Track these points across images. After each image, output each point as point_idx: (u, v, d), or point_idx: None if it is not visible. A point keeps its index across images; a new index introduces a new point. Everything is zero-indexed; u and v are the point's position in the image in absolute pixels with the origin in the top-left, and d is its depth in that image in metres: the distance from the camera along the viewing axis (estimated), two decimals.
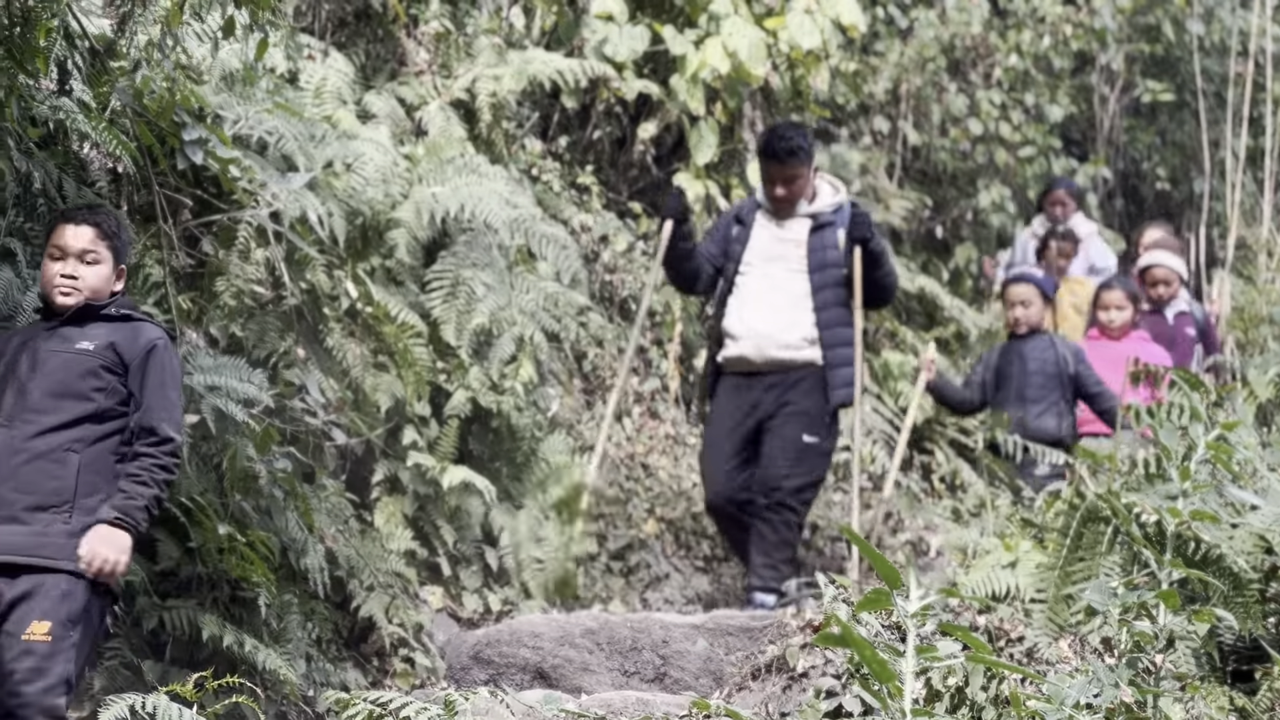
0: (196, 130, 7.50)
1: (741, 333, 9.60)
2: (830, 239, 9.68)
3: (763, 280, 9.67)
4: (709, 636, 8.48)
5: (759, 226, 9.79)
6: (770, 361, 9.60)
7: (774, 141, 9.60)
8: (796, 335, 9.57)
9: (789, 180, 9.60)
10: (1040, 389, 10.59)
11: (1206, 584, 6.57)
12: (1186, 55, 18.43)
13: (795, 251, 9.66)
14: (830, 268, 9.64)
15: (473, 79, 10.76)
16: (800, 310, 9.59)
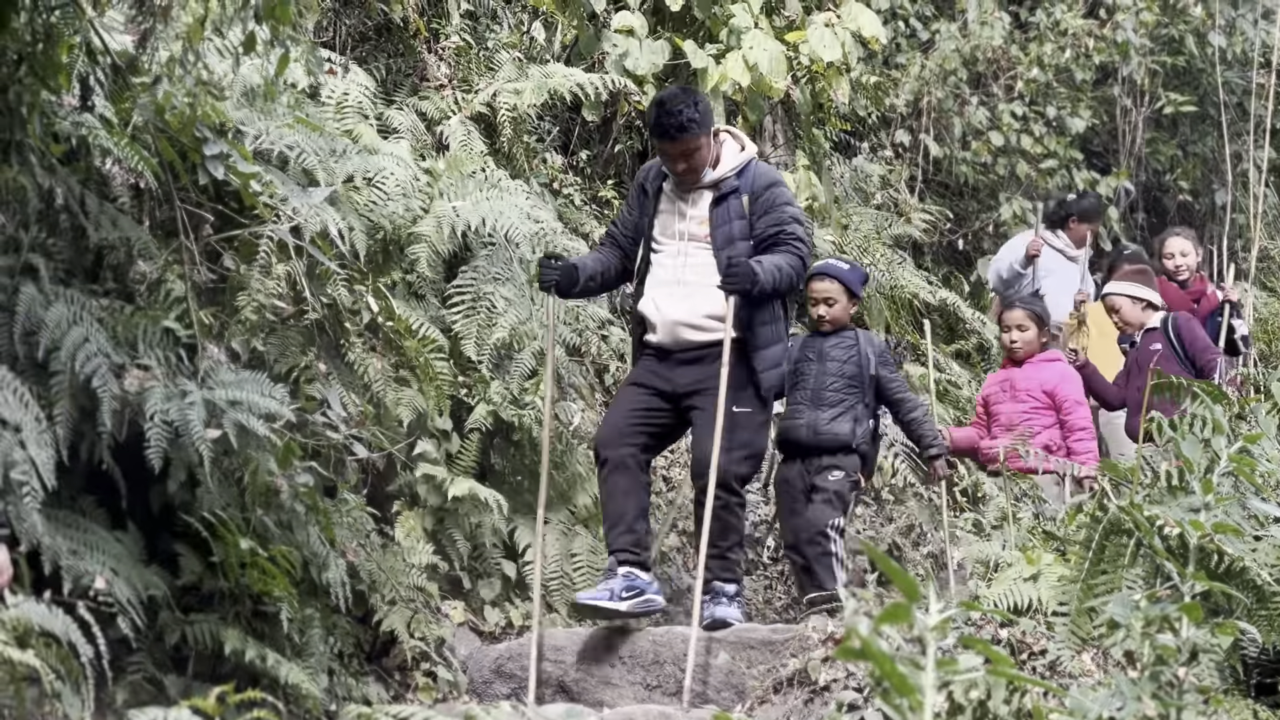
0: (218, 145, 7.51)
1: (656, 319, 8.89)
2: (735, 208, 8.85)
3: (671, 260, 8.92)
4: (731, 650, 8.48)
5: (664, 198, 8.99)
6: (685, 346, 8.88)
7: (662, 119, 8.66)
8: (709, 316, 8.79)
9: (687, 155, 8.72)
10: (838, 391, 9.76)
11: (1230, 597, 6.55)
12: (1208, 67, 18.42)
13: (700, 228, 8.87)
14: (738, 241, 8.81)
15: (493, 93, 10.78)
16: (712, 291, 8.72)
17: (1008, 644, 7.16)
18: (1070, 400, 10.85)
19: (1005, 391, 10.96)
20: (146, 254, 7.46)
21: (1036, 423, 10.74)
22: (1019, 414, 10.83)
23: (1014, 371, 11.02)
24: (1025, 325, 10.90)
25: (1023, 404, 10.82)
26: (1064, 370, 11.03)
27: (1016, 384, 10.95)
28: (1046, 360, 11.01)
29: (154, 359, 7.16)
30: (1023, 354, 10.97)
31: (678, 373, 8.90)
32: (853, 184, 15.82)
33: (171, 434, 6.98)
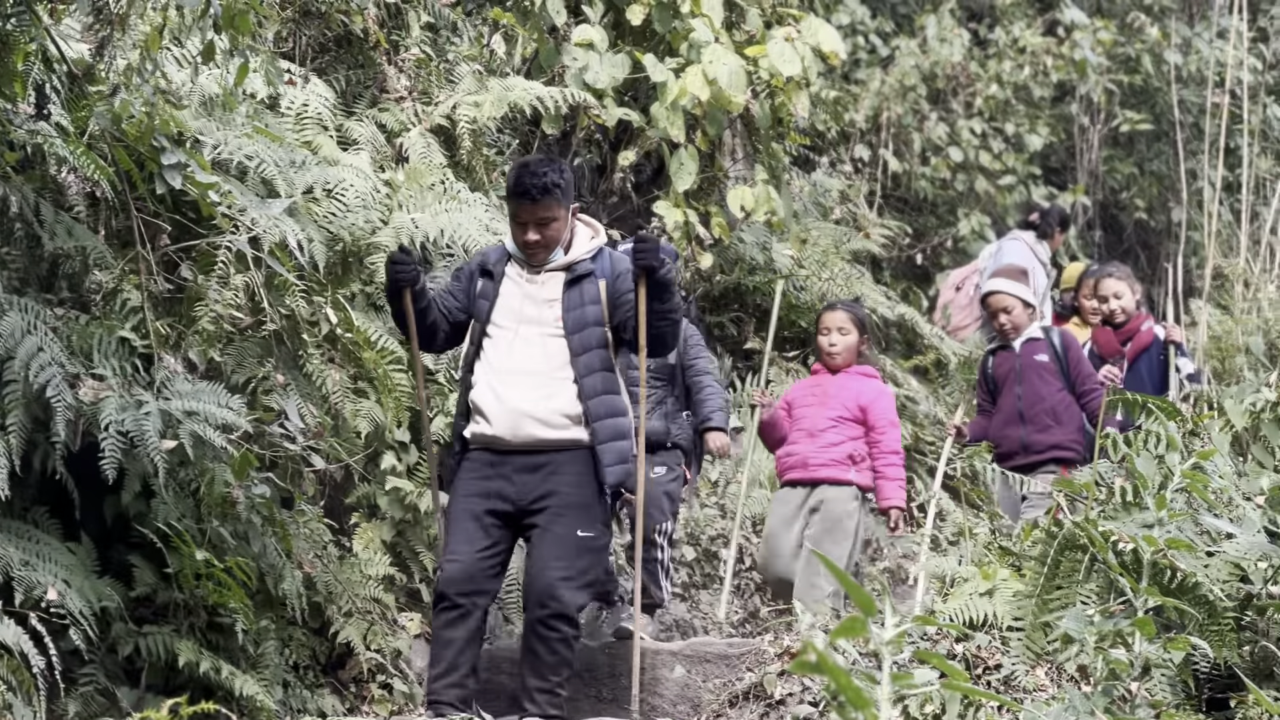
0: (175, 155, 7.49)
1: (493, 409, 7.93)
2: (590, 293, 8.09)
3: (515, 346, 8.03)
4: (687, 663, 8.48)
5: (509, 281, 8.15)
6: (528, 442, 7.93)
7: (525, 177, 7.96)
8: (558, 412, 7.93)
9: (542, 223, 7.98)
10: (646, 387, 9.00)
11: (1182, 612, 6.58)
12: (1165, 86, 18.52)
13: (550, 311, 8.04)
14: (591, 326, 8.03)
15: (453, 105, 10.77)
16: (560, 380, 7.96)
17: (963, 658, 7.18)
18: (884, 420, 10.01)
19: (815, 397, 10.12)
20: (102, 263, 7.44)
21: (841, 433, 9.92)
22: (825, 421, 9.94)
23: (827, 379, 10.16)
24: (846, 329, 10.15)
25: (831, 411, 9.95)
26: (881, 387, 10.31)
27: (829, 391, 10.07)
28: (863, 374, 10.20)
29: (109, 369, 7.15)
30: (840, 360, 10.14)
31: (519, 483, 7.95)
32: (812, 199, 15.86)
33: (126, 444, 6.96)
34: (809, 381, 10.43)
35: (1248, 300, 15.71)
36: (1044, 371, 10.69)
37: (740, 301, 14.18)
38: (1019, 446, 10.52)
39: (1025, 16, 19.25)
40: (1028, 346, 10.78)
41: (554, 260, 8.10)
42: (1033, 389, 10.67)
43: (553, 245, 8.08)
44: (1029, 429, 10.55)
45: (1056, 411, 10.56)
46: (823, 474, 9.83)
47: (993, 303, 10.92)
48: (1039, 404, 10.61)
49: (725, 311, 14.07)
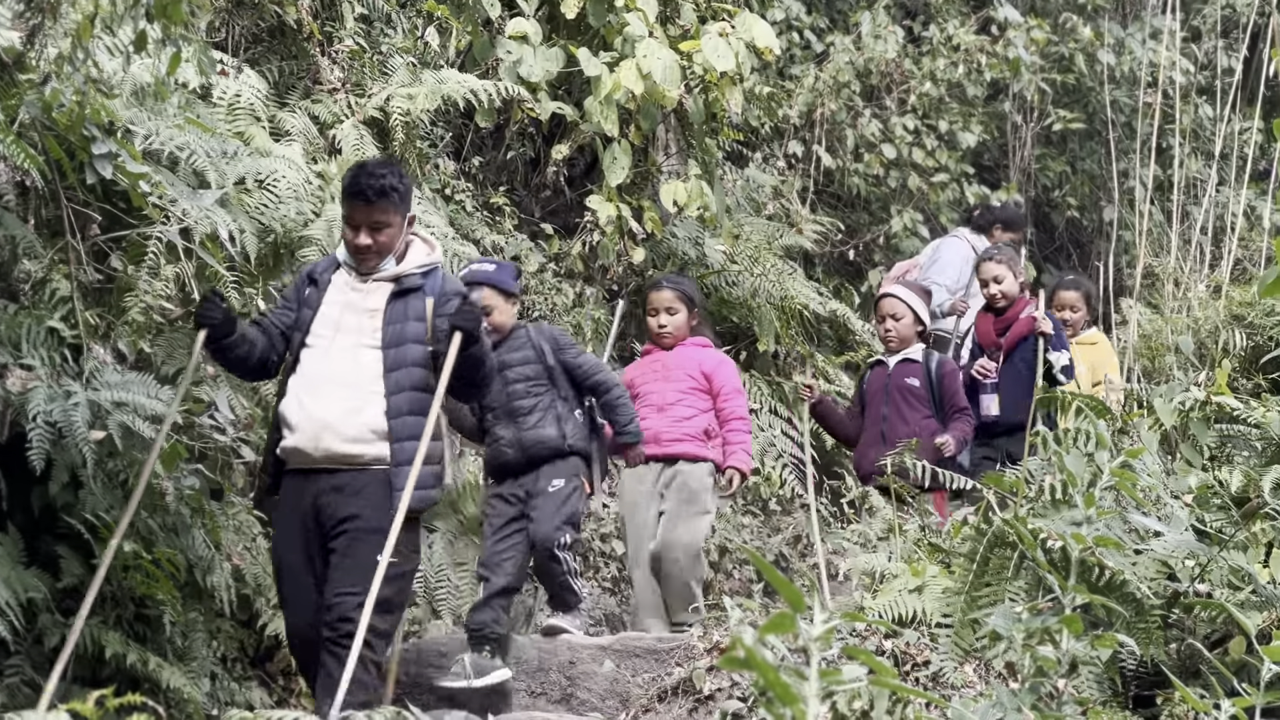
0: (106, 144, 7.44)
1: (298, 420, 7.54)
2: (415, 308, 7.72)
3: (330, 355, 7.63)
4: (616, 658, 8.49)
5: (334, 288, 7.78)
6: (329, 456, 7.51)
7: (362, 178, 7.67)
8: (362, 426, 7.51)
9: (376, 227, 7.65)
10: (526, 396, 9.06)
11: (1110, 610, 6.62)
12: (1098, 85, 18.61)
13: (370, 322, 7.67)
14: (410, 343, 7.65)
15: (386, 98, 10.74)
16: (371, 396, 7.55)
17: (891, 655, 7.21)
18: (728, 387, 9.99)
19: (656, 372, 10.02)
20: (32, 253, 7.39)
21: (692, 405, 9.89)
22: (673, 393, 9.91)
23: (664, 355, 10.09)
24: (675, 308, 10.02)
25: (677, 384, 9.92)
26: (721, 355, 10.22)
27: (669, 364, 10.01)
28: (699, 345, 10.12)
29: (38, 359, 7.10)
30: (671, 340, 10.03)
31: (323, 504, 7.56)
32: (744, 194, 15.88)
33: (54, 435, 6.92)
34: (645, 360, 10.23)
35: (1178, 299, 15.77)
36: (912, 396, 10.52)
37: None
38: (877, 470, 9.89)
39: (960, 14, 19.32)
40: (901, 367, 10.61)
41: (383, 270, 7.76)
42: (897, 411, 10.50)
43: (385, 252, 7.74)
44: (887, 451, 9.73)
45: (920, 438, 9.92)
46: (677, 449, 9.83)
47: (884, 306, 10.74)
48: (902, 428, 10.31)
49: None
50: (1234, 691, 6.12)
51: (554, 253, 12.61)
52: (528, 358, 9.12)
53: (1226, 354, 13.31)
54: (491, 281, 9.01)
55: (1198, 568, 6.98)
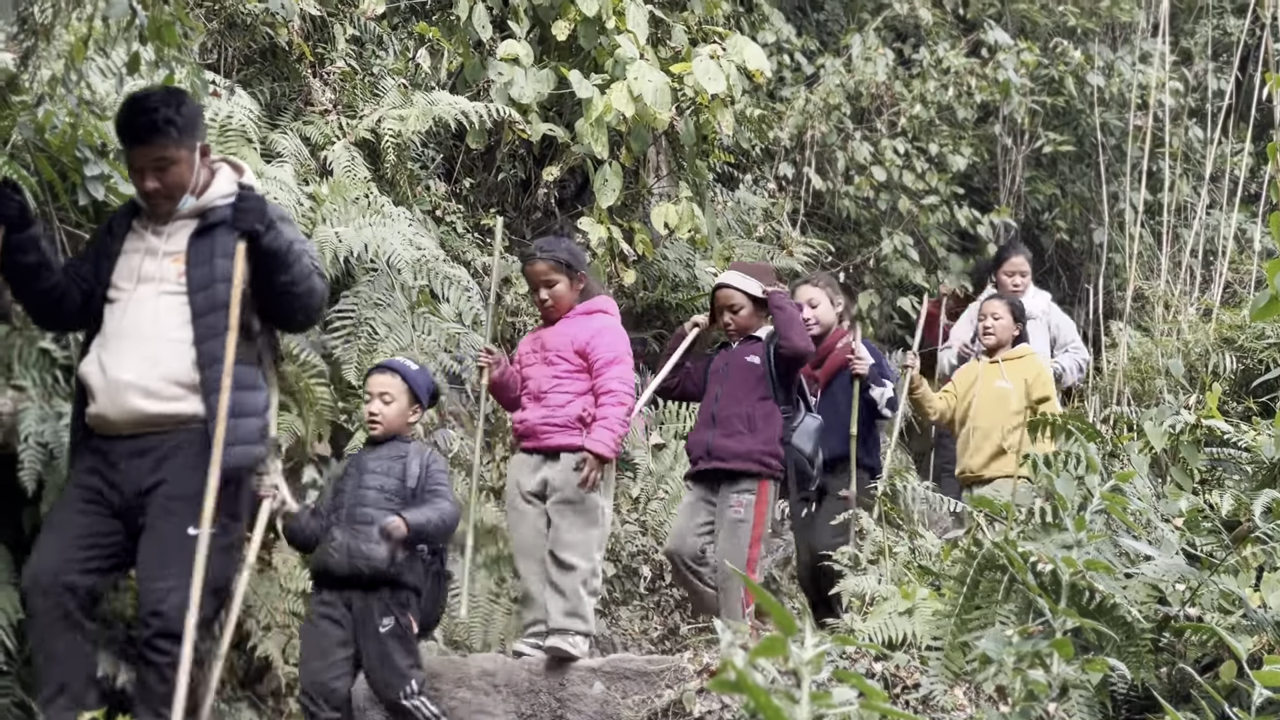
0: (99, 166, 7.46)
1: (98, 383, 6.75)
2: (222, 244, 6.86)
3: (129, 308, 6.84)
4: (606, 680, 8.48)
5: (133, 235, 6.97)
6: (135, 419, 6.73)
7: (132, 117, 6.80)
8: (169, 380, 6.74)
9: (160, 167, 6.82)
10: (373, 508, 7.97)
11: (1100, 633, 6.62)
12: (1088, 108, 18.64)
13: (173, 266, 6.88)
14: (220, 283, 6.82)
15: (378, 119, 10.76)
16: (175, 346, 6.77)
17: (882, 678, 7.21)
18: (603, 359, 8.90)
19: (536, 353, 9.10)
20: None
21: (567, 390, 8.93)
22: (548, 380, 8.96)
23: (546, 332, 9.12)
24: (553, 278, 9.01)
25: (553, 367, 8.97)
26: (603, 323, 9.05)
27: (547, 344, 9.05)
28: (584, 313, 9.10)
29: (30, 380, 7.12)
30: (556, 314, 9.09)
31: (126, 469, 6.78)
32: (735, 216, 15.89)
33: (46, 456, 6.93)
34: (531, 337, 9.31)
35: (1168, 322, 15.80)
36: (751, 375, 9.68)
37: (664, 319, 14.19)
38: (704, 451, 9.58)
39: (950, 37, 19.36)
40: (744, 346, 9.82)
41: (182, 207, 6.96)
42: (731, 392, 9.67)
43: (176, 193, 6.91)
44: (716, 432, 9.54)
45: (752, 418, 9.52)
46: (552, 441, 8.88)
47: (720, 299, 9.91)
48: (734, 407, 9.60)
49: (648, 328, 14.09)
50: (1224, 716, 6.13)
51: None
52: (394, 470, 8.07)
53: (1217, 377, 13.34)
54: (407, 376, 8.26)
55: (1188, 591, 6.98)
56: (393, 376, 8.25)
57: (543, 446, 8.92)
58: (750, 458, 9.44)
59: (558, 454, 8.87)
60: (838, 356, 10.65)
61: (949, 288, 13.97)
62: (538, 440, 8.94)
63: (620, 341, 9.03)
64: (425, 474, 8.08)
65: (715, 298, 9.98)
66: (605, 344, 8.94)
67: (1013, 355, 11.56)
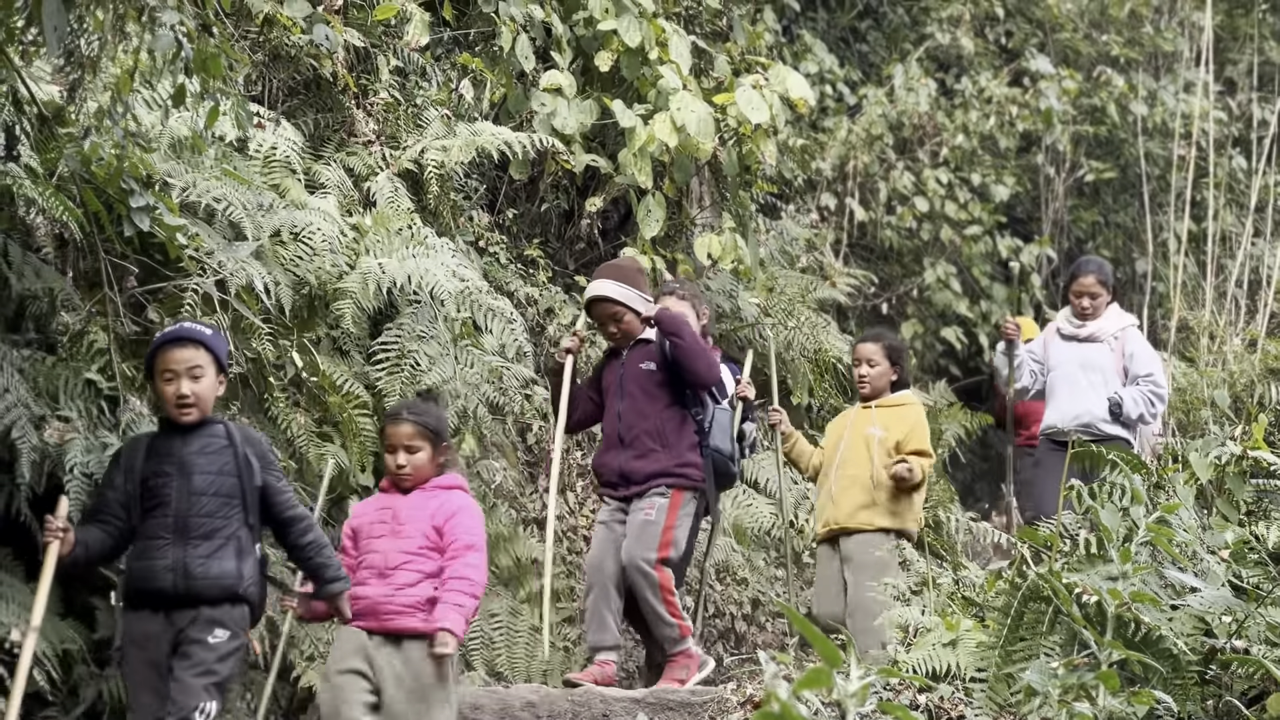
0: (144, 197, 7.49)
1: None
2: None
3: None
4: (650, 711, 8.46)
5: None
6: None
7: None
8: None
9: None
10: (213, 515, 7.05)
11: (1146, 666, 6.59)
12: (1130, 137, 18.61)
13: None
14: None
15: (421, 150, 10.78)
16: None
17: (926, 710, 7.18)
18: (462, 543, 7.67)
19: (385, 525, 7.77)
20: (69, 305, 7.44)
21: (418, 568, 7.63)
22: (398, 555, 7.65)
23: (398, 500, 7.84)
24: (415, 445, 7.84)
25: (406, 541, 7.68)
26: (464, 501, 7.86)
27: (400, 515, 7.77)
28: (443, 487, 7.88)
29: (75, 410, 7.14)
30: (410, 482, 7.85)
31: None
32: (778, 246, 15.89)
33: (91, 486, 6.95)
34: (375, 503, 7.96)
35: (1213, 353, 15.77)
36: (650, 383, 9.09)
37: None
38: (617, 476, 9.05)
39: (992, 67, 19.36)
40: (636, 352, 9.18)
41: None
42: (634, 405, 9.10)
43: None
44: (628, 454, 8.96)
45: (663, 433, 9.01)
46: (395, 624, 7.56)
47: (600, 312, 9.22)
48: (641, 423, 9.06)
49: None
50: None
51: None
52: (227, 466, 7.13)
53: (1263, 408, 13.28)
54: (207, 343, 7.10)
55: (1235, 623, 6.95)
56: (195, 349, 7.08)
57: (386, 629, 7.57)
58: (667, 475, 8.99)
59: (399, 639, 7.57)
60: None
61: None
62: (378, 621, 7.57)
63: (480, 525, 7.87)
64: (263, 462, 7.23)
65: (592, 312, 9.33)
66: (465, 526, 7.73)
67: (890, 402, 10.52)
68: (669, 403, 9.08)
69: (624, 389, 9.12)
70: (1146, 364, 11.92)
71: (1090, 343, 11.97)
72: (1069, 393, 11.89)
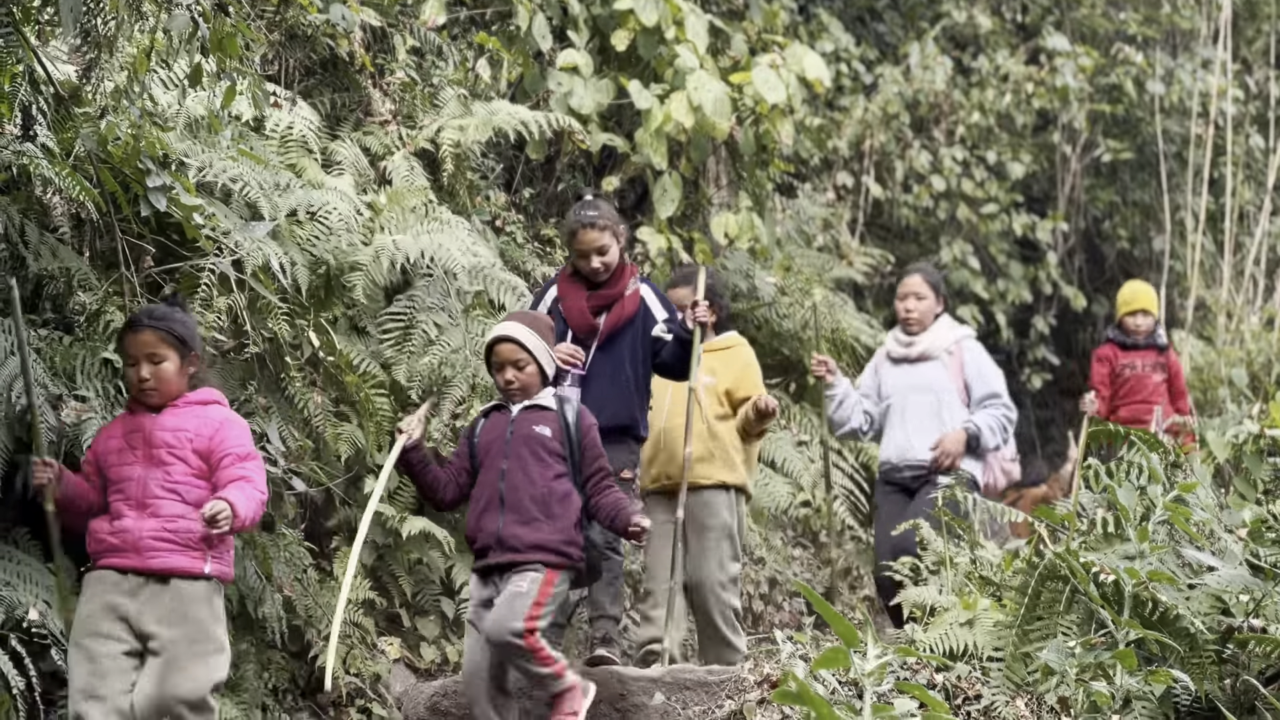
0: (160, 177, 7.49)
1: None
2: None
3: None
4: (667, 690, 8.47)
5: None
6: None
7: None
8: None
9: None
10: None
11: (1163, 645, 6.59)
12: (1148, 115, 18.56)
13: None
14: None
15: (437, 129, 10.77)
16: None
17: (943, 689, 7.19)
18: (232, 454, 6.86)
19: (135, 448, 6.88)
20: (86, 285, 7.44)
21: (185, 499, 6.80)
22: (160, 486, 6.80)
23: (147, 420, 6.96)
24: (160, 353, 6.94)
25: (169, 469, 6.83)
26: (226, 415, 7.04)
27: (153, 437, 6.88)
28: (200, 402, 7.01)
29: (92, 390, 7.14)
30: (158, 397, 6.96)
31: None
32: (795, 226, 15.87)
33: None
34: (121, 425, 6.98)
35: (1230, 331, 15.75)
36: (542, 449, 8.10)
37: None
38: (493, 540, 7.93)
39: (1008, 44, 19.30)
40: (527, 414, 8.16)
41: None
42: (522, 468, 8.05)
43: None
44: (508, 518, 7.92)
45: (548, 502, 7.97)
46: (161, 562, 6.75)
47: (502, 353, 8.17)
48: (527, 487, 7.98)
49: None
50: None
51: None
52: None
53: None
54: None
55: (1252, 603, 6.94)
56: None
57: (150, 567, 6.77)
58: (546, 548, 7.92)
59: (168, 578, 6.77)
60: (625, 307, 9.12)
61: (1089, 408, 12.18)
62: (140, 557, 6.75)
63: (248, 436, 7.07)
64: None
65: (494, 353, 8.21)
66: (233, 438, 6.94)
67: (717, 345, 9.82)
68: (559, 473, 8.09)
69: (510, 449, 8.10)
70: (991, 382, 10.76)
71: (922, 362, 10.76)
72: (901, 423, 10.61)
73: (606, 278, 9.06)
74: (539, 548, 7.87)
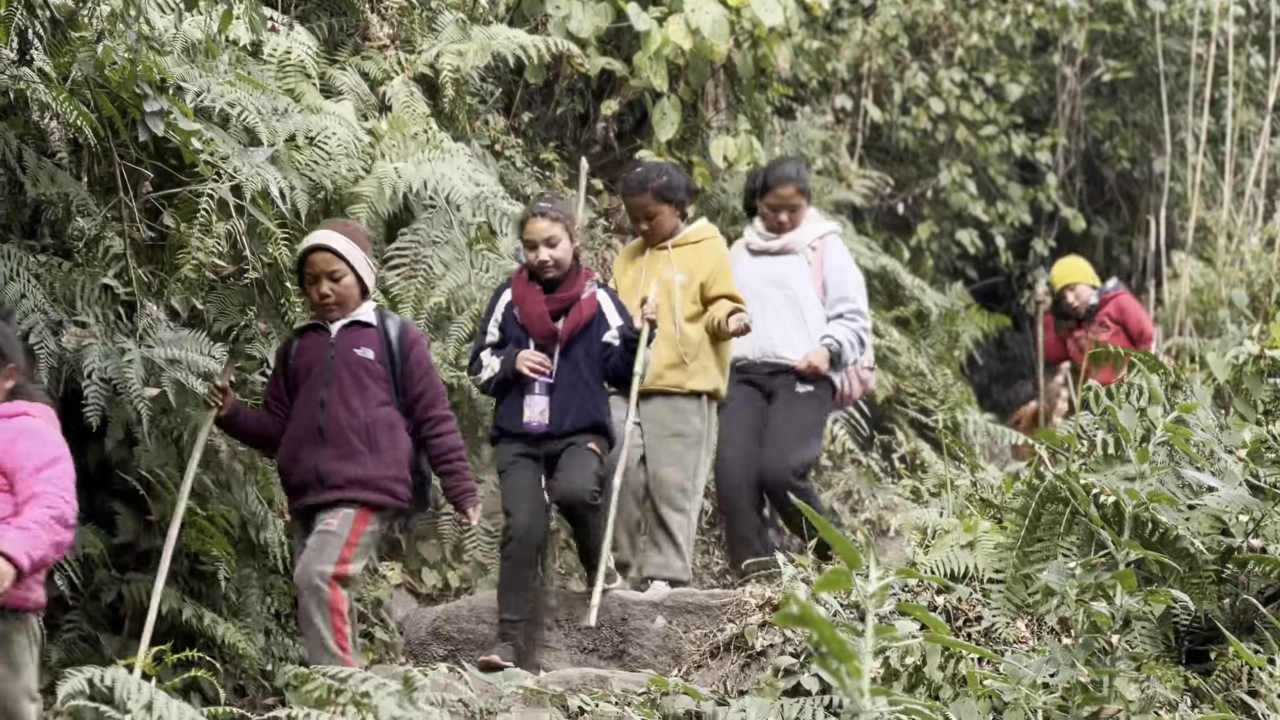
0: (158, 102, 7.45)
1: None
2: None
3: None
4: (668, 614, 8.50)
5: None
6: None
7: None
8: None
9: None
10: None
11: (1163, 565, 6.61)
12: (1148, 35, 18.47)
13: None
14: None
15: (436, 54, 10.73)
16: None
17: (944, 610, 7.21)
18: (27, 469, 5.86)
19: None
20: (85, 210, 7.43)
21: None
22: None
23: None
24: None
25: None
26: (26, 424, 6.00)
27: None
28: (6, 415, 6.00)
29: (92, 316, 7.15)
30: None
31: None
32: (793, 149, 15.83)
33: (109, 392, 6.97)
34: None
35: (1230, 253, 15.73)
36: (365, 372, 7.57)
37: None
38: (313, 476, 7.42)
39: None
40: (348, 333, 7.65)
41: None
42: (341, 396, 7.51)
43: None
44: (327, 452, 7.41)
45: (372, 434, 7.47)
46: None
47: (317, 263, 7.66)
48: (348, 417, 7.48)
49: None
50: None
51: (604, 208, 12.61)
52: None
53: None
54: None
55: (1252, 523, 6.96)
56: None
57: None
58: (366, 484, 7.43)
59: None
60: (584, 309, 8.67)
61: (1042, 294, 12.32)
62: None
63: (47, 440, 6.04)
64: None
65: (308, 263, 7.70)
66: (26, 451, 5.93)
67: (688, 239, 9.56)
68: (383, 400, 7.58)
69: (331, 374, 7.54)
70: (848, 286, 10.09)
71: (783, 255, 10.10)
72: (760, 318, 9.71)
73: (558, 276, 8.61)
74: (358, 483, 7.37)
